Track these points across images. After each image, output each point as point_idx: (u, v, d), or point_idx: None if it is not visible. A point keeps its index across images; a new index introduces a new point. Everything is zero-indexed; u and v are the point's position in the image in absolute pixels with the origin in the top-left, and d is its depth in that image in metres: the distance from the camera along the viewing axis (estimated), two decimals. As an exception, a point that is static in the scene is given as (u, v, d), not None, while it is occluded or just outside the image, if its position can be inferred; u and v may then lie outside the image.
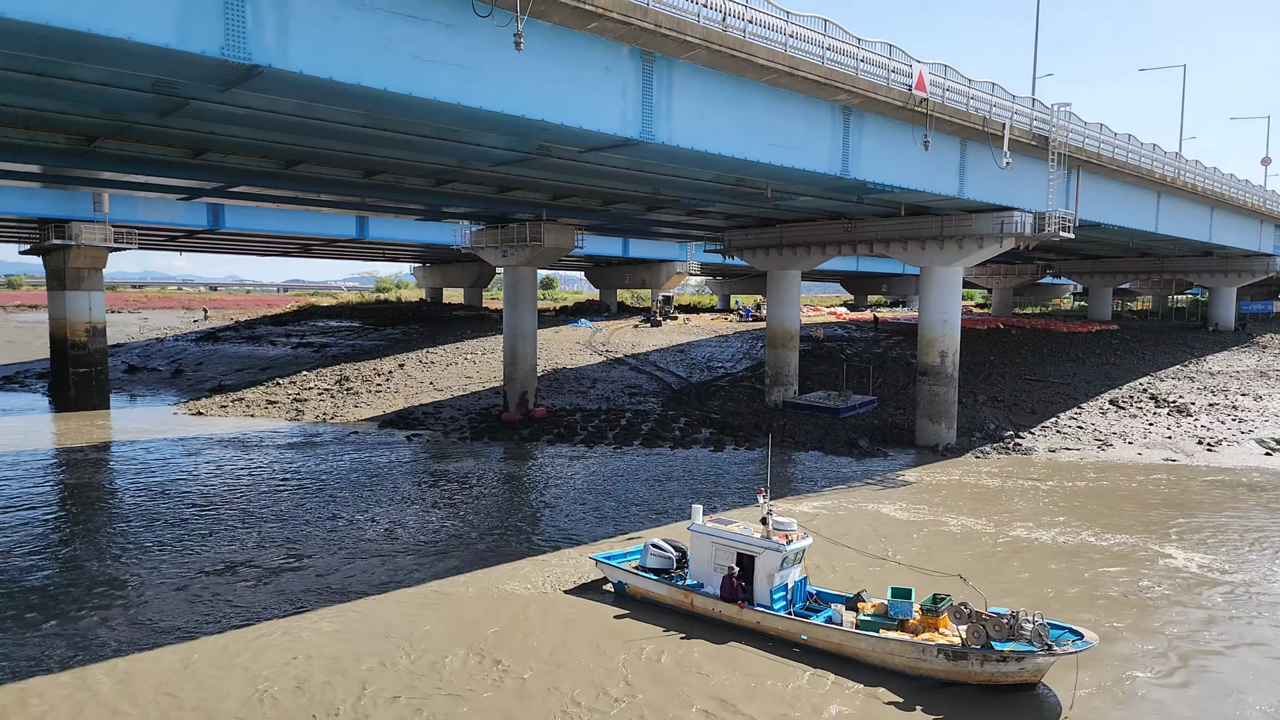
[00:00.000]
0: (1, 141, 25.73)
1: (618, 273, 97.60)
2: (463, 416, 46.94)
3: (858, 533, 26.19)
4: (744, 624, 18.43)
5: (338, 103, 20.17)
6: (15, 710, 14.88)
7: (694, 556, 19.89)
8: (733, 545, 18.96)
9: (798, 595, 18.75)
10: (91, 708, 14.99)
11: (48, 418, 48.42)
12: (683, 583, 19.83)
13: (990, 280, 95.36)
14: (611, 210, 43.12)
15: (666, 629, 18.71)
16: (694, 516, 20.08)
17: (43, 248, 52.35)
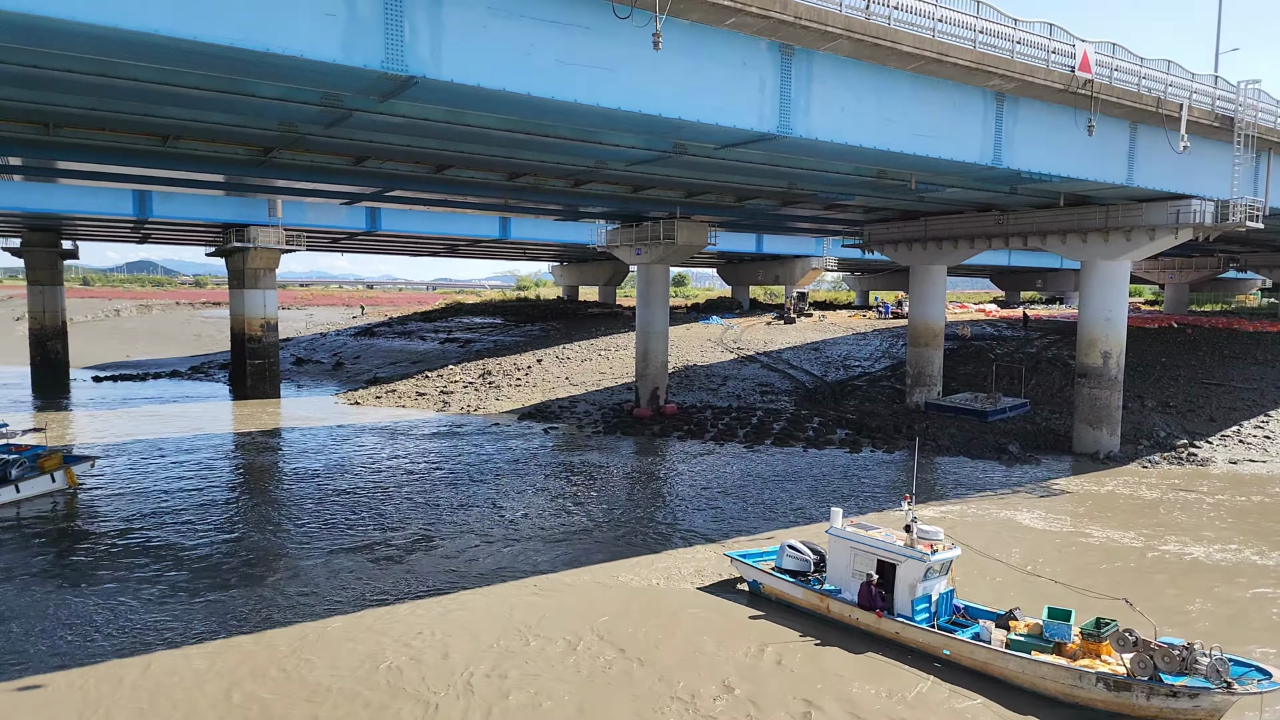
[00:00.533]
0: (192, 153, 28.56)
1: (750, 269, 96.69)
2: (596, 411, 47.94)
3: (1005, 545, 24.73)
4: (882, 634, 17.85)
5: (484, 108, 21.06)
6: (165, 667, 16.52)
7: (832, 561, 19.45)
8: (873, 552, 18.43)
9: (943, 608, 17.99)
10: (229, 665, 16.44)
11: (227, 405, 53.43)
12: (819, 587, 19.43)
13: (1162, 275, 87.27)
14: (745, 206, 42.75)
15: (801, 633, 18.39)
16: (833, 520, 19.63)
17: (225, 250, 57.91)
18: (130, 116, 23.14)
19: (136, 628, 18.32)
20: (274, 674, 16.33)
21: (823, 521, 27.09)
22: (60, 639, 17.71)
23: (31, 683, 15.79)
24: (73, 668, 16.45)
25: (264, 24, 15.48)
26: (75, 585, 20.79)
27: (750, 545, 24.20)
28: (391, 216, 58.93)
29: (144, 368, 71.44)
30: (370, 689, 15.74)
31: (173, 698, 15.37)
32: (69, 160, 31.93)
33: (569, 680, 16.21)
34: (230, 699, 15.36)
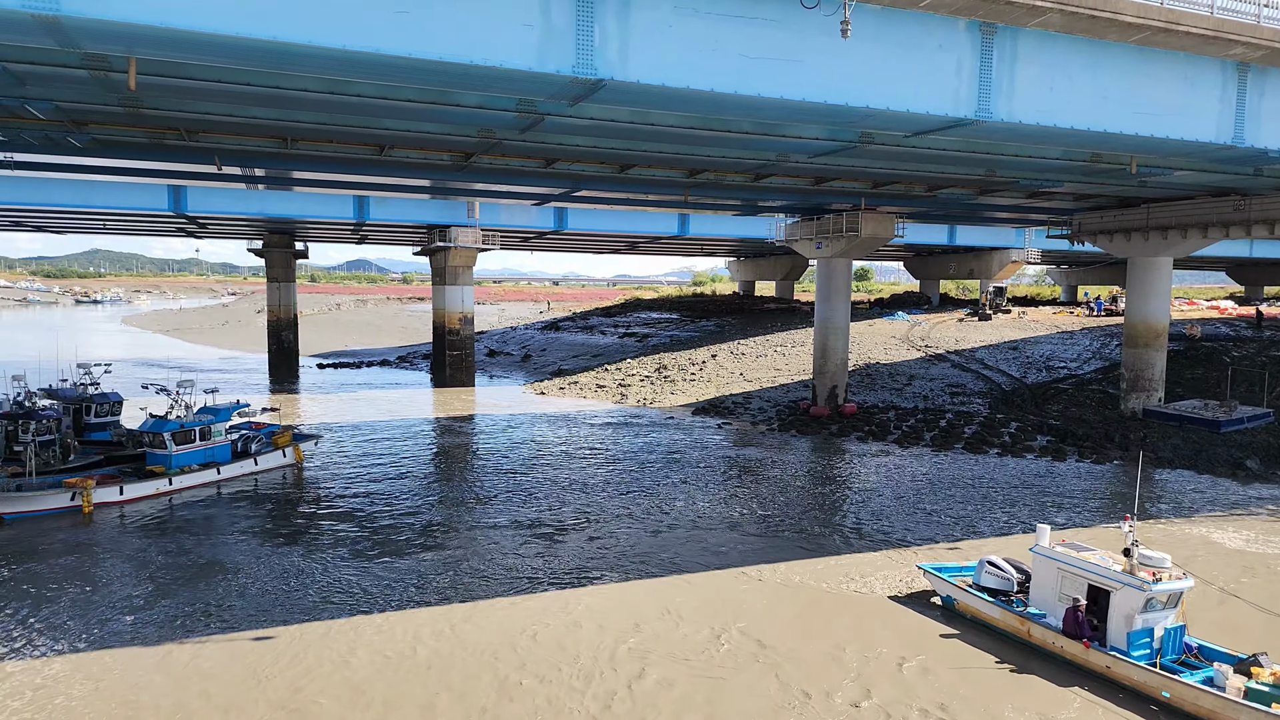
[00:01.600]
0: (404, 161, 31.23)
1: (941, 262, 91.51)
2: (771, 408, 47.43)
3: (1240, 577, 21.87)
4: (1090, 666, 16.33)
5: (668, 107, 21.39)
6: (365, 624, 18.11)
7: (1036, 582, 18.01)
8: (1084, 575, 16.90)
9: (1171, 645, 16.20)
10: (414, 625, 17.77)
11: (428, 391, 57.99)
12: (1021, 609, 18.03)
13: None
14: (937, 196, 40.50)
15: (997, 658, 17.17)
16: (1039, 537, 18.15)
17: (429, 249, 62.82)
18: (353, 129, 25.64)
19: (343, 586, 20.37)
20: (447, 633, 17.78)
21: (1019, 535, 25.29)
22: (279, 593, 20.06)
23: (262, 634, 17.99)
24: (292, 622, 18.59)
25: (468, 38, 16.63)
26: (297, 547, 23.44)
27: (942, 557, 23.02)
28: (577, 216, 61.36)
29: (359, 356, 79.17)
30: (520, 656, 16.61)
31: (368, 650, 16.96)
32: (303, 170, 36.02)
33: (718, 679, 16.19)
34: (415, 652, 16.77)
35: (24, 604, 19.25)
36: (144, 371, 60.98)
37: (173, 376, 38.09)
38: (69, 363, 40.67)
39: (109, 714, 14.60)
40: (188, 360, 73.94)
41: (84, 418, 34.65)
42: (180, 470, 29.56)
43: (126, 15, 14.22)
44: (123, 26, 14.55)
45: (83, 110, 23.64)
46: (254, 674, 16.12)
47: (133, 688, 15.53)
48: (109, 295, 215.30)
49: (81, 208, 48.46)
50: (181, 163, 33.12)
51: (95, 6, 14.05)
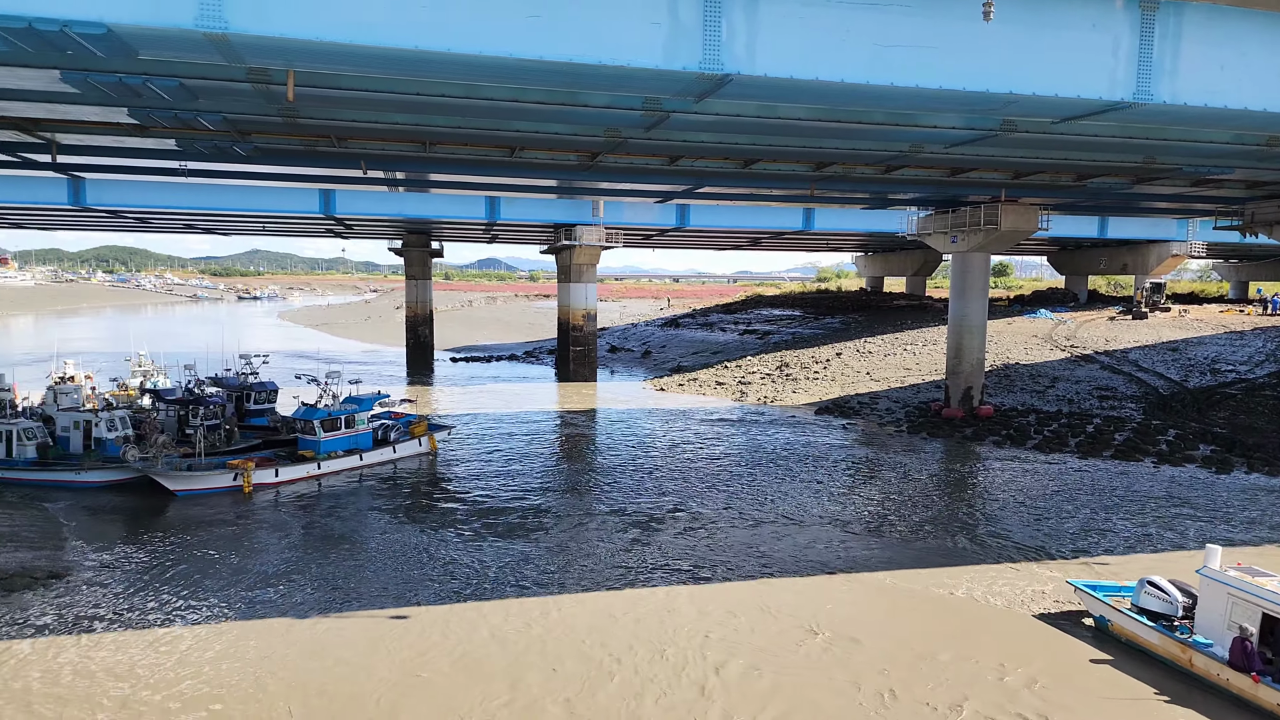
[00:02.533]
0: (532, 162, 32.15)
1: (1090, 256, 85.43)
2: (899, 409, 45.78)
3: None
4: (1260, 704, 14.86)
5: (795, 100, 21.01)
6: (464, 613, 18.70)
7: (1203, 607, 16.57)
8: (1258, 603, 15.39)
9: None
10: (536, 611, 18.19)
11: (553, 385, 59.56)
12: (1185, 636, 16.58)
13: None
14: (1087, 186, 37.82)
15: (1154, 687, 15.84)
16: (1209, 558, 16.66)
17: (555, 248, 64.47)
18: (486, 132, 26.63)
19: (466, 568, 21.22)
20: (555, 615, 18.03)
21: (1173, 552, 23.38)
22: (410, 572, 21.11)
23: (395, 612, 19.00)
24: (420, 601, 19.54)
25: (596, 38, 16.90)
26: (429, 530, 24.61)
27: (1090, 573, 21.55)
28: (699, 212, 61.28)
29: (488, 351, 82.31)
30: (622, 641, 16.70)
31: (488, 628, 17.59)
32: (439, 172, 37.75)
33: (838, 690, 15.74)
34: (530, 630, 17.24)
35: (188, 570, 21.17)
36: (296, 363, 65.72)
37: (321, 368, 40.87)
38: (232, 354, 44.39)
39: (255, 676, 15.85)
40: (334, 353, 79.14)
41: (245, 404, 37.78)
42: (328, 455, 31.67)
43: (287, 31, 15.35)
44: (283, 42, 15.72)
45: (247, 121, 25.69)
46: (381, 645, 17.07)
47: (276, 654, 16.79)
48: (266, 292, 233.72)
49: (245, 211, 52.79)
50: (331, 168, 35.44)
51: (259, 24, 15.22)
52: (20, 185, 45.69)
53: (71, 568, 20.99)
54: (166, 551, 22.61)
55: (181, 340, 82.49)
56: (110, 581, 20.23)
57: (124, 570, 21.09)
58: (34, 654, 16.52)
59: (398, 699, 15.10)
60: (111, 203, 48.09)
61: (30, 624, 17.85)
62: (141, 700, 14.94)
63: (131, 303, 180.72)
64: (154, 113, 23.42)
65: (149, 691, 15.23)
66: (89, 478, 29.03)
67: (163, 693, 15.20)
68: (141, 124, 25.33)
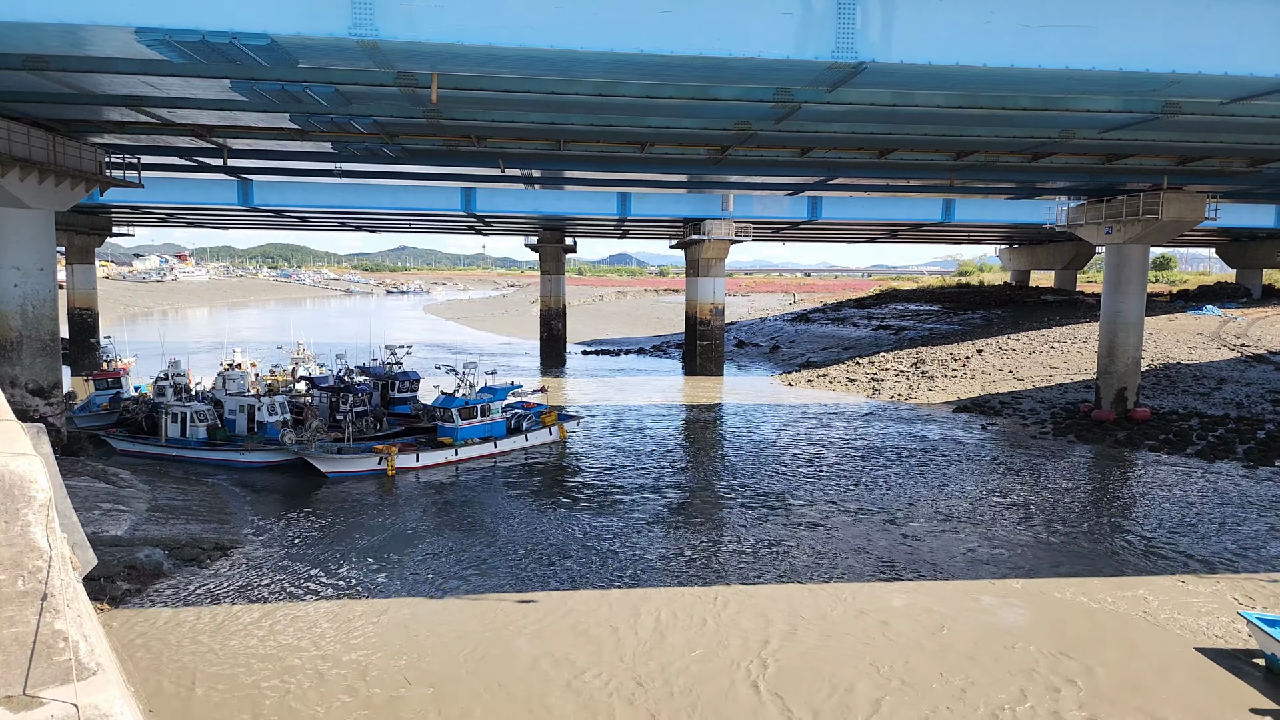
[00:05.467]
0: (663, 157, 32.55)
1: (1265, 248, 77.35)
2: (1044, 409, 43.21)
3: None
4: None
5: (933, 86, 20.31)
6: (613, 599, 19.09)
7: None
8: None
9: None
10: (662, 599, 18.40)
11: (679, 379, 60.01)
12: None
13: None
14: (1263, 171, 34.34)
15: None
16: None
17: (683, 243, 64.85)
18: (617, 129, 27.21)
19: (596, 557, 21.83)
20: (708, 617, 18.23)
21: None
22: (539, 558, 21.94)
23: (524, 597, 19.84)
24: (547, 587, 20.29)
25: (727, 31, 16.95)
26: (557, 517, 25.49)
27: (1263, 595, 19.68)
28: (832, 204, 59.95)
29: (618, 345, 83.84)
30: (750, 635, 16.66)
31: (604, 616, 18.05)
32: (573, 169, 38.86)
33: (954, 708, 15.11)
34: (658, 613, 17.54)
35: (343, 547, 22.92)
36: (437, 354, 69.44)
37: (460, 359, 43.02)
38: (379, 345, 47.44)
39: (401, 649, 17.01)
40: (472, 345, 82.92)
41: (389, 393, 40.27)
42: (465, 443, 33.33)
43: (432, 36, 16.29)
44: (429, 46, 16.71)
45: (394, 123, 27.42)
46: (514, 627, 17.90)
47: (424, 630, 17.94)
48: (412, 287, 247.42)
49: (393, 209, 56.28)
50: (471, 167, 37.24)
51: (407, 30, 16.23)
52: (196, 187, 50.61)
53: (239, 541, 23.12)
54: (322, 528, 24.50)
55: (335, 331, 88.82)
56: (273, 555, 22.09)
57: (284, 545, 22.92)
58: (212, 621, 18.42)
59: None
60: (276, 203, 52.50)
61: (208, 591, 19.89)
62: (334, 669, 16.38)
63: (292, 296, 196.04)
64: (312, 118, 25.44)
65: (333, 665, 16.67)
66: (251, 458, 31.69)
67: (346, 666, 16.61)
68: (301, 128, 27.56)
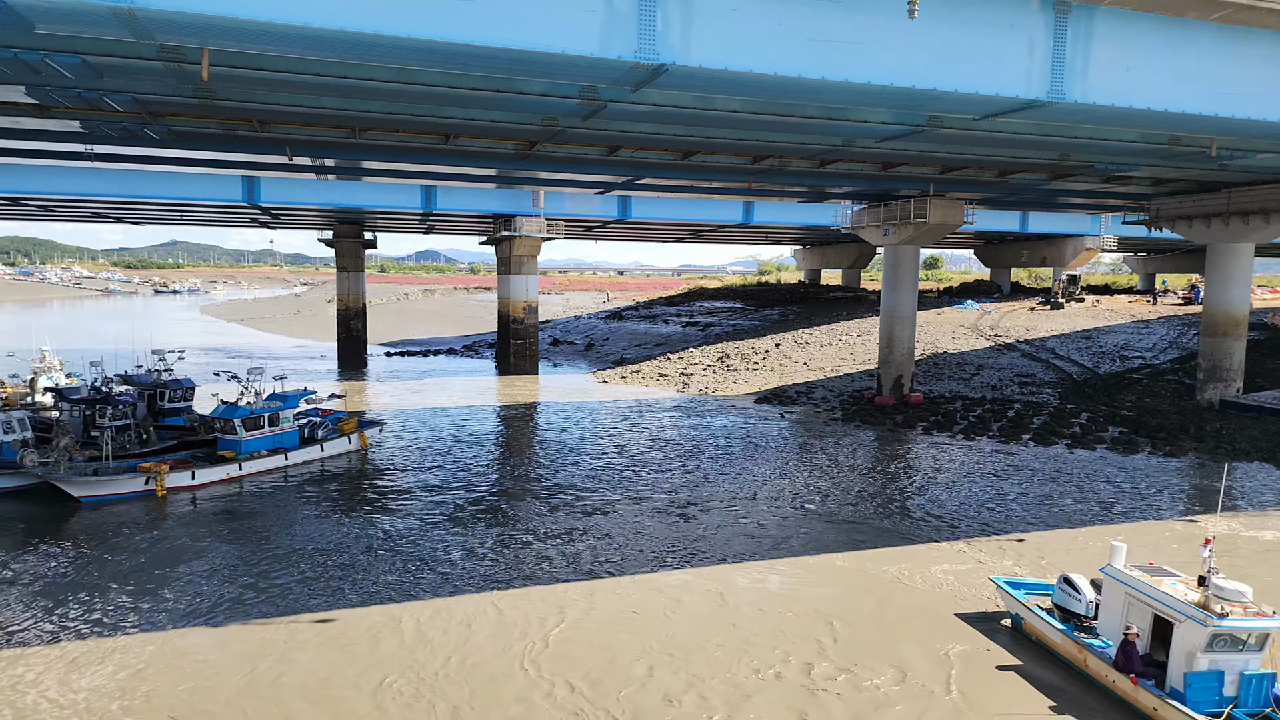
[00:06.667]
0: (469, 150, 31.72)
1: (1013, 250, 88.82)
2: (834, 397, 46.82)
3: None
4: (1139, 707, 14.44)
5: (731, 91, 21.21)
6: (433, 607, 18.55)
7: (1104, 607, 16.14)
8: (1149, 604, 14.96)
9: (1252, 695, 13.93)
10: (473, 608, 18.15)
11: (493, 379, 58.99)
12: (1090, 637, 16.19)
13: None
14: (1008, 181, 39.23)
15: (1048, 690, 15.34)
16: (1113, 556, 16.05)
17: (494, 239, 63.81)
18: (419, 118, 26.13)
19: (401, 570, 20.93)
20: (492, 614, 18.01)
21: (1090, 529, 24.51)
22: (339, 576, 20.71)
23: (323, 616, 18.62)
24: (354, 604, 19.22)
25: (531, 25, 16.75)
26: (358, 531, 24.13)
27: (1007, 553, 22.39)
28: (641, 204, 61.42)
29: (425, 345, 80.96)
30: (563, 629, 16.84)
31: (414, 625, 17.44)
32: (371, 160, 36.85)
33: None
34: (451, 613, 17.17)
35: (94, 583, 20.26)
36: (218, 359, 63.54)
37: (245, 364, 39.49)
38: (145, 349, 42.46)
39: (175, 692, 15.36)
40: (260, 348, 76.79)
41: (158, 403, 35.97)
42: (250, 456, 30.61)
43: (198, 7, 14.62)
44: (195, 18, 14.97)
45: (159, 102, 24.51)
46: (308, 652, 16.73)
47: (197, 667, 16.29)
48: (187, 285, 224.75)
49: (159, 199, 50.38)
50: (254, 154, 34.25)
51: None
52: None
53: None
54: (69, 563, 21.28)
55: (91, 336, 78.84)
56: (10, 595, 19.06)
57: (20, 587, 19.62)
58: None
59: (330, 695, 14.83)
60: (9, 189, 45.27)
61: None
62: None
63: (35, 297, 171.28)
64: (55, 92, 22.21)
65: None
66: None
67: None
68: (41, 103, 23.99)
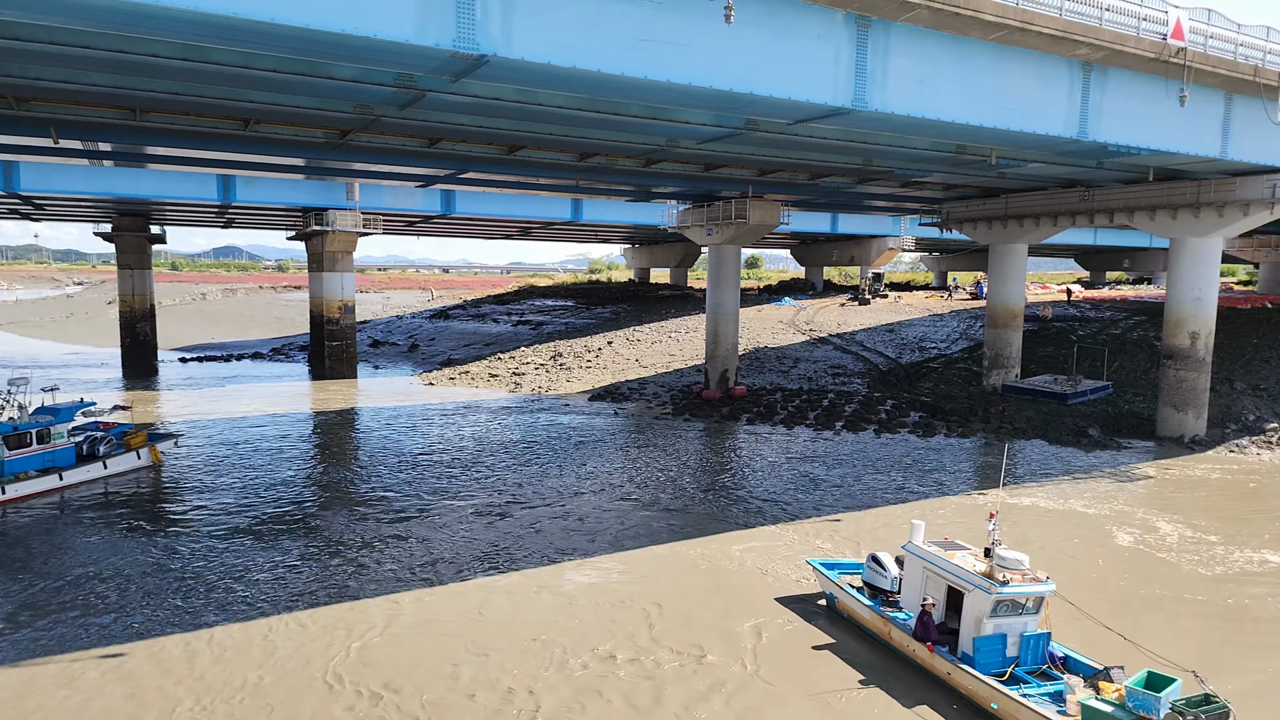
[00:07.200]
0: (272, 137, 29.42)
1: (825, 250, 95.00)
2: (665, 393, 47.90)
3: (1069, 555, 23.59)
4: (936, 673, 15.47)
5: (555, 87, 21.02)
6: (230, 635, 17.19)
7: (906, 582, 17.09)
8: (943, 576, 15.94)
9: (1030, 654, 15.03)
10: (286, 629, 17.03)
11: (306, 384, 55.30)
12: (895, 611, 17.01)
13: (1257, 253, 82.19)
14: (820, 184, 41.83)
15: (859, 665, 16.06)
16: (913, 534, 16.98)
17: (304, 234, 59.71)
18: (214, 101, 23.90)
19: (200, 593, 19.13)
20: (297, 632, 16.94)
21: (900, 503, 26.51)
22: (126, 605, 18.63)
23: (108, 651, 16.64)
24: (146, 635, 17.32)
25: (341, 5, 15.72)
26: (149, 554, 21.77)
27: (822, 533, 23.72)
28: (465, 199, 59.79)
29: (228, 349, 74.54)
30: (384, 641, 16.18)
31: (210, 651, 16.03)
32: (156, 145, 33.26)
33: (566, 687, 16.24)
34: (251, 633, 15.98)
35: None
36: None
37: (5, 373, 34.45)
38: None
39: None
40: (26, 356, 67.66)
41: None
42: (14, 478, 26.83)
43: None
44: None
45: (-113, 71, 20.96)
46: (81, 692, 14.88)
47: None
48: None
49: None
50: (12, 135, 29.98)
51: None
52: None
53: None
54: None
55: None
56: None
57: None
58: None
59: None
60: None
61: None
62: None
63: None
64: None
65: None
66: None
67: None
68: None
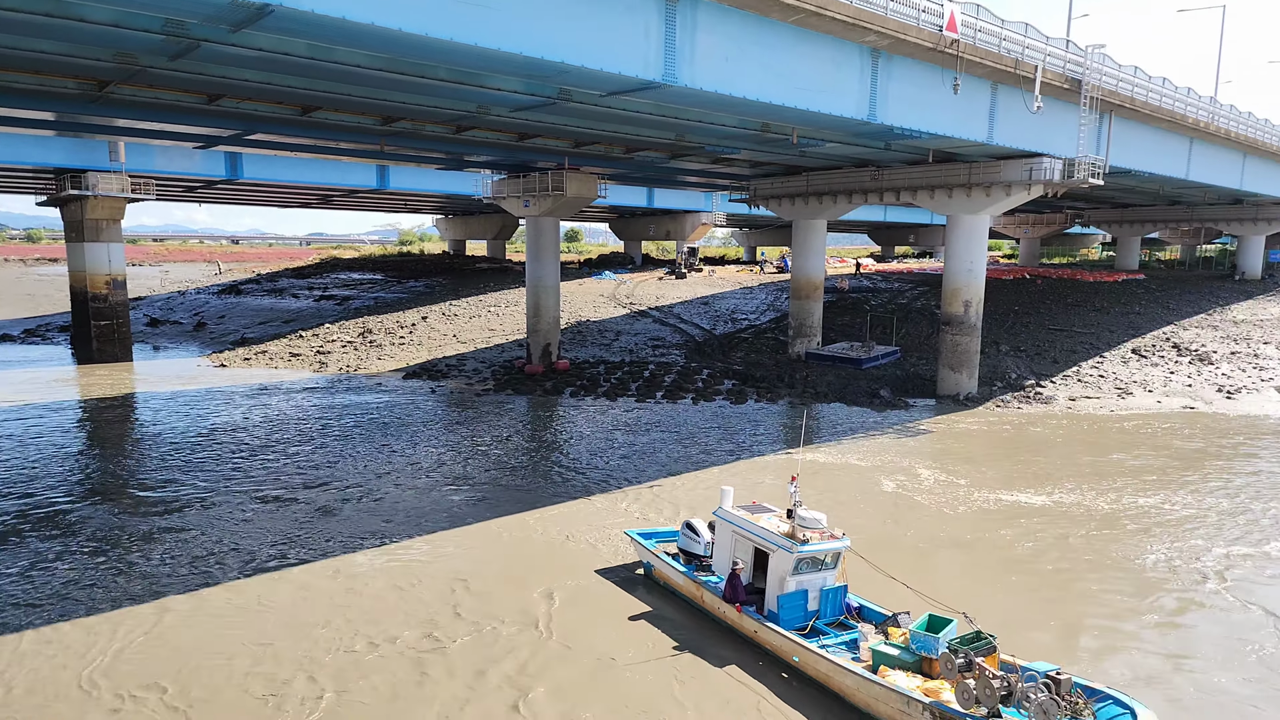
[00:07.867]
0: (13, 86, 25.44)
1: (642, 224, 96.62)
2: (486, 369, 46.98)
3: (861, 504, 25.76)
4: (744, 632, 15.78)
5: (352, 44, 19.67)
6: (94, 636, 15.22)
7: (717, 545, 17.35)
8: (750, 539, 16.29)
9: (830, 607, 15.57)
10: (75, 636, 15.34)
11: (70, 369, 48.95)
12: (708, 576, 17.30)
13: (1018, 230, 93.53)
14: (635, 158, 42.33)
15: (673, 631, 16.23)
16: (723, 500, 17.25)
17: (60, 199, 51.84)
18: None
19: None
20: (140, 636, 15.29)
21: (717, 465, 27.65)
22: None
23: None
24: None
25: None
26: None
27: (646, 499, 24.23)
28: (255, 163, 54.90)
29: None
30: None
31: (46, 670, 14.09)
32: None
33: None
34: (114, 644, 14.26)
35: None
36: None
37: None
38: None
39: None
40: None
41: None
42: None
43: None
44: None
45: None
46: None
47: None
48: None
49: None
50: None
51: None
52: None
53: None
54: None
55: None
56: None
57: None
58: None
59: None
60: None
61: None
62: None
63: None
64: None
65: None
66: None
67: None
68: None
